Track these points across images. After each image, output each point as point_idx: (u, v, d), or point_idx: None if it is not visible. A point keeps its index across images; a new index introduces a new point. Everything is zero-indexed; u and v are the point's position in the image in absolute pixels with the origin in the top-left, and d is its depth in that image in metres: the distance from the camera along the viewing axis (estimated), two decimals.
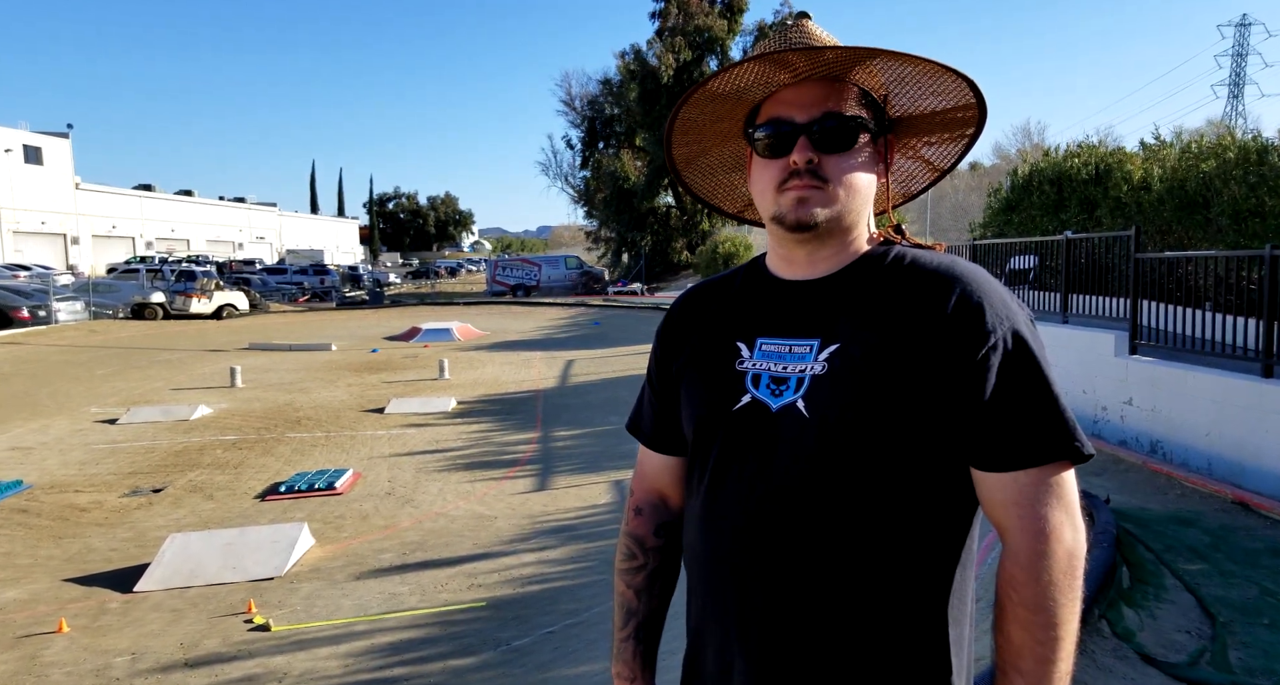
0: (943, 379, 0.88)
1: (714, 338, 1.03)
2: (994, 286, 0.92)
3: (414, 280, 47.47)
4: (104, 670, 3.70)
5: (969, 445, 0.90)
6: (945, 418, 0.89)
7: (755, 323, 1.01)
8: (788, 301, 0.99)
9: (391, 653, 3.80)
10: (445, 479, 6.84)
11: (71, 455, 7.83)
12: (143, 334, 19.93)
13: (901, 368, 0.89)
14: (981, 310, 0.89)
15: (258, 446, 8.05)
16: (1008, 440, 0.88)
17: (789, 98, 0.96)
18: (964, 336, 0.88)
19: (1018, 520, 0.88)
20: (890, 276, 0.96)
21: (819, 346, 0.94)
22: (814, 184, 0.94)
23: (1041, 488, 0.88)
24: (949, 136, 1.05)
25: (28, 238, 37.21)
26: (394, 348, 16.60)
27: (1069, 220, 10.59)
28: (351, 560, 5.01)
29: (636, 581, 1.14)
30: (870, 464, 0.89)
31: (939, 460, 0.91)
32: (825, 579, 0.90)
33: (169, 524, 5.72)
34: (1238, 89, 48.94)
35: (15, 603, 4.49)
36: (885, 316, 0.92)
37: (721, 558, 0.96)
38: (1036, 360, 0.89)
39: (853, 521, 0.89)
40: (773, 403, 0.94)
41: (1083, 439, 0.89)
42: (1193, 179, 8.41)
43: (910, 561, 0.90)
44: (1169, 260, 6.63)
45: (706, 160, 1.13)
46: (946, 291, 0.91)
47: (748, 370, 0.97)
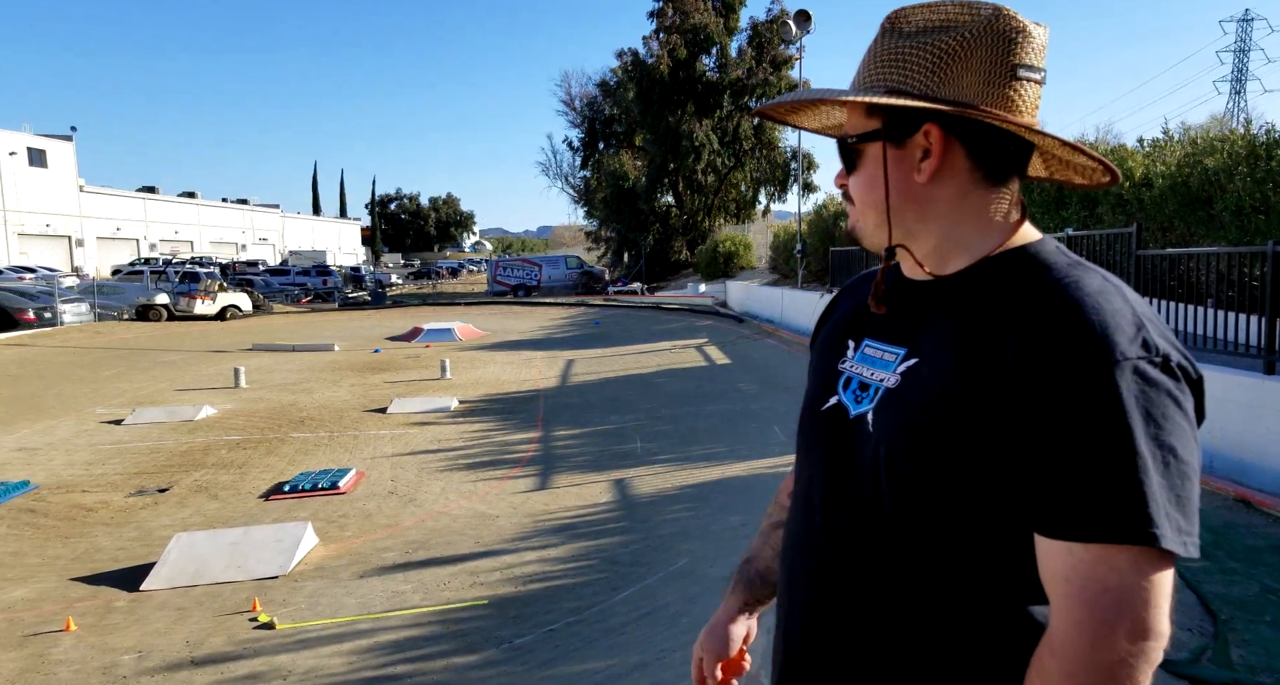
0: (1004, 418, 0.77)
1: (839, 329, 1.02)
2: (1105, 318, 0.76)
3: (416, 281, 47.55)
4: (111, 668, 3.72)
5: (1026, 500, 0.77)
6: (1003, 463, 0.77)
7: (869, 321, 0.97)
8: (897, 302, 0.95)
9: (394, 650, 3.82)
10: (447, 478, 6.86)
11: (78, 456, 7.86)
12: (147, 335, 19.98)
13: (961, 398, 0.79)
14: (1067, 343, 0.75)
15: (262, 446, 8.08)
16: (1057, 502, 0.74)
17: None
18: (1038, 373, 0.75)
19: (1064, 599, 0.74)
20: (993, 288, 0.84)
21: (902, 357, 0.89)
22: (850, 206, 0.95)
23: (1100, 569, 0.72)
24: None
25: (33, 240, 37.33)
26: (396, 348, 16.63)
27: (1070, 217, 10.58)
28: (355, 559, 5.03)
29: (764, 526, 1.20)
30: (914, 498, 0.81)
31: (999, 511, 0.79)
32: (855, 601, 0.88)
33: (174, 523, 5.75)
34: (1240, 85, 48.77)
35: (23, 601, 4.52)
36: (965, 336, 0.83)
37: (788, 547, 1.00)
38: (1123, 415, 0.72)
39: (895, 558, 0.84)
40: (852, 409, 0.92)
41: (1162, 523, 0.71)
42: (1196, 175, 8.39)
43: (949, 610, 0.82)
44: (1171, 257, 6.62)
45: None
46: (1040, 314, 0.78)
47: (844, 371, 0.96)
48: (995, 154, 0.87)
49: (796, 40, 19.30)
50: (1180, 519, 0.72)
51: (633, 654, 3.67)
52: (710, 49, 34.53)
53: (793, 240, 20.48)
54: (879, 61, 0.89)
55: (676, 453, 7.36)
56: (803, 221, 20.25)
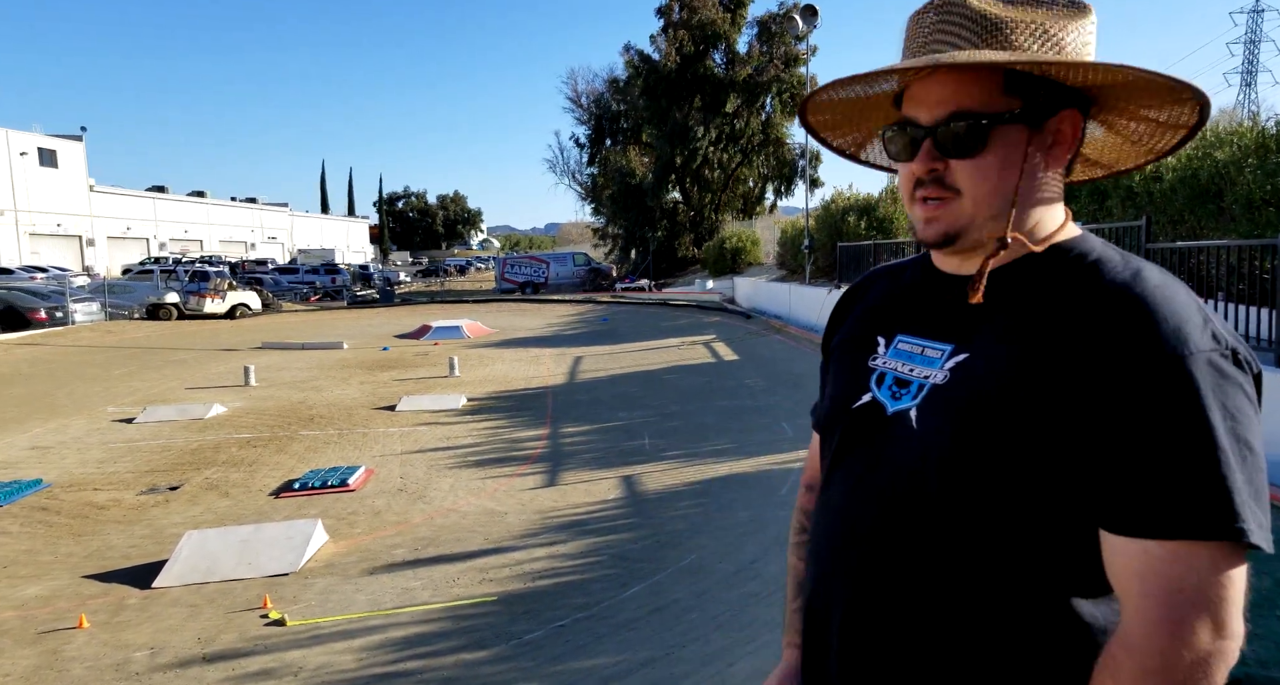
0: (1071, 413, 0.74)
1: (862, 326, 0.98)
2: (1174, 309, 0.74)
3: (424, 278, 47.68)
4: (124, 665, 3.76)
5: (1096, 498, 0.75)
6: (1067, 460, 0.75)
7: (901, 317, 0.93)
8: (934, 296, 0.91)
9: (404, 646, 3.84)
10: (456, 475, 6.88)
11: (90, 454, 7.93)
12: (158, 334, 20.11)
13: (1023, 393, 0.76)
14: (1141, 340, 0.73)
15: (272, 444, 8.13)
16: (1144, 502, 0.71)
17: (918, 94, 0.84)
18: (1109, 365, 0.73)
19: (1139, 599, 0.72)
20: (1050, 281, 0.82)
21: (949, 353, 0.85)
22: (940, 195, 0.83)
23: (1179, 567, 0.70)
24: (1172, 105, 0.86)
25: (44, 240, 37.60)
26: (405, 346, 16.68)
27: (1079, 211, 10.49)
28: (365, 556, 5.06)
29: (805, 554, 1.10)
30: (973, 496, 0.78)
31: (1057, 508, 0.77)
32: (903, 600, 0.82)
33: (186, 521, 5.80)
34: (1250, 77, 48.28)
35: (37, 599, 4.56)
36: (1026, 330, 0.79)
37: (820, 554, 0.94)
38: (1202, 408, 0.71)
39: (941, 556, 0.80)
40: (890, 405, 0.87)
41: (1248, 518, 0.70)
42: (1206, 168, 8.32)
43: (996, 604, 0.79)
44: (1181, 250, 6.58)
45: (847, 125, 1.01)
46: (1106, 306, 0.76)
47: (876, 367, 0.92)
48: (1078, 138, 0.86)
49: (804, 36, 19.24)
50: (1260, 513, 0.71)
51: (642, 650, 3.68)
52: (718, 45, 34.43)
53: (800, 236, 20.42)
54: (1019, 31, 0.80)
55: (685, 449, 7.36)
56: (810, 217, 20.19)
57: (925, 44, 0.84)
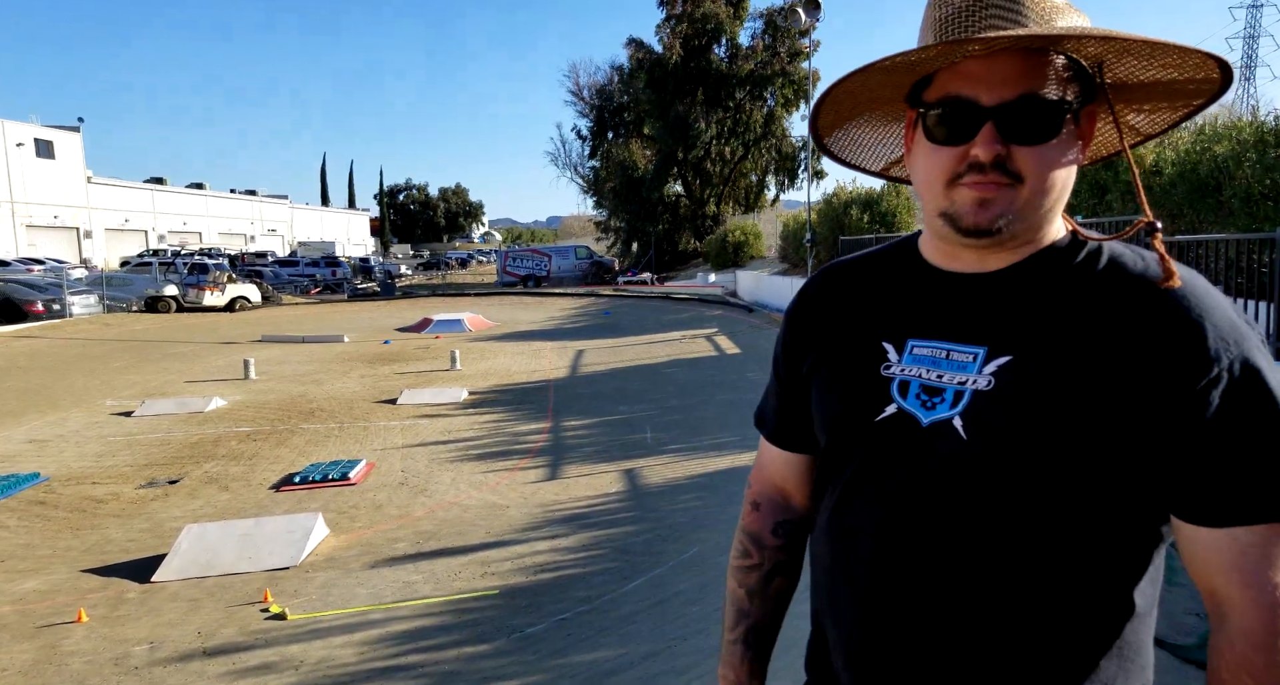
0: (1146, 412, 0.74)
1: (855, 333, 0.90)
2: (1218, 300, 0.77)
3: (425, 271, 47.61)
4: (123, 659, 3.75)
5: (1175, 492, 0.75)
6: (1143, 458, 0.75)
7: (906, 320, 0.87)
8: (947, 297, 0.86)
9: (406, 640, 3.83)
10: (458, 469, 6.87)
11: (88, 447, 7.91)
12: (156, 327, 20.08)
13: (1093, 394, 0.75)
14: (1202, 330, 0.74)
15: (272, 438, 8.11)
16: (1228, 489, 0.73)
17: (976, 71, 0.77)
18: (1179, 362, 0.73)
19: (1241, 589, 0.73)
20: (1082, 278, 0.81)
21: (985, 356, 0.80)
22: (1001, 181, 0.78)
23: (1269, 549, 0.73)
24: (1168, 105, 0.87)
25: (41, 232, 37.50)
26: (406, 339, 16.66)
27: (1079, 206, 10.48)
28: (366, 550, 5.05)
29: (750, 581, 1.04)
30: (1042, 504, 0.76)
31: (1125, 506, 0.77)
32: (969, 628, 0.78)
33: (185, 515, 5.78)
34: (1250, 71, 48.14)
35: (35, 593, 4.55)
36: (1073, 328, 0.78)
37: (849, 580, 0.86)
38: (1272, 394, 0.74)
39: (1011, 566, 0.78)
40: (923, 416, 0.82)
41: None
42: (1205, 162, 8.29)
43: (1075, 622, 0.79)
44: (1180, 244, 6.56)
45: (855, 127, 0.97)
46: (1158, 304, 0.76)
47: (894, 376, 0.85)
48: None
49: (808, 30, 19.14)
50: None
51: (644, 643, 3.67)
52: (720, 38, 34.31)
53: (802, 229, 20.39)
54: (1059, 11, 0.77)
55: (686, 442, 7.35)
56: (813, 210, 20.15)
57: (976, 20, 0.77)
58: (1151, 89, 0.85)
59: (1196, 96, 0.85)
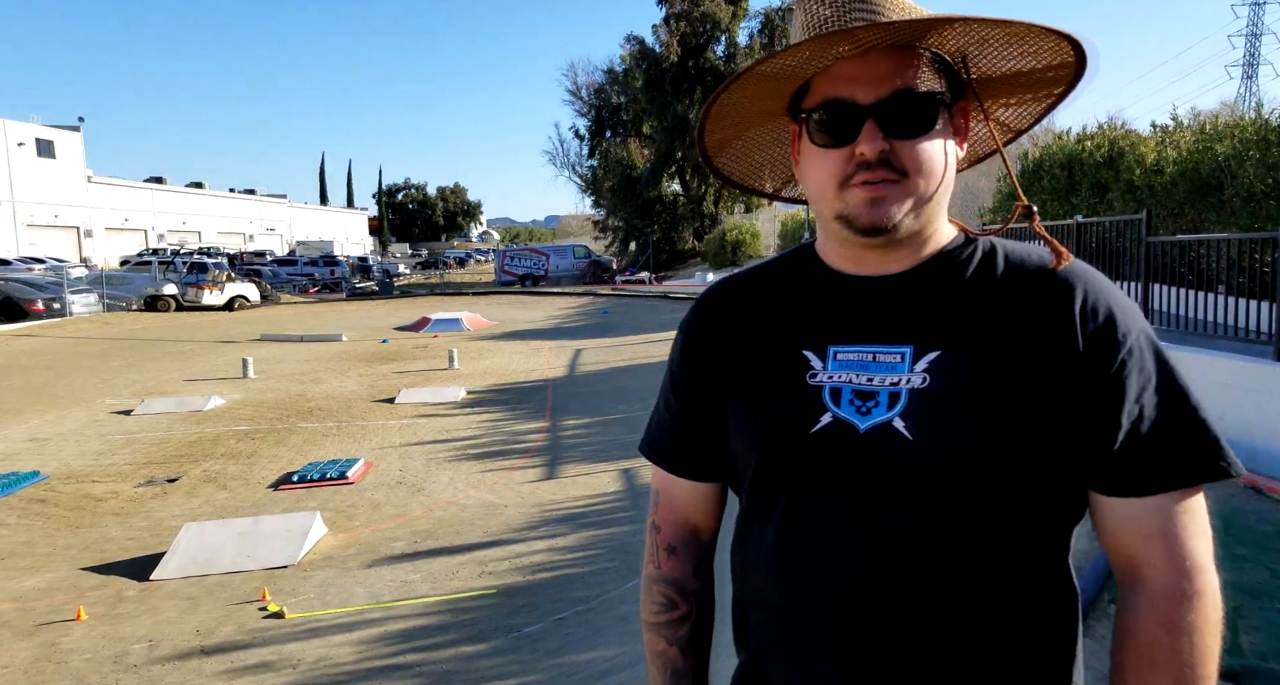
0: (1073, 394, 0.77)
1: (770, 346, 0.87)
2: (1113, 286, 0.82)
3: (423, 271, 47.59)
4: (122, 657, 3.76)
5: (1098, 468, 0.78)
6: (1072, 437, 0.78)
7: (823, 327, 0.86)
8: (862, 301, 0.85)
9: (403, 639, 3.85)
10: (456, 468, 6.88)
11: (87, 446, 7.92)
12: (156, 326, 20.08)
13: (1023, 383, 0.77)
14: (1112, 315, 0.79)
15: (270, 436, 8.12)
16: (1150, 460, 0.76)
17: (850, 72, 0.79)
18: (1097, 347, 0.77)
19: (1164, 554, 0.76)
20: (986, 273, 0.83)
21: (913, 354, 0.81)
22: (889, 177, 0.79)
23: (1185, 513, 0.76)
24: (1032, 96, 0.89)
25: (41, 231, 37.46)
26: (404, 338, 16.66)
27: (1080, 204, 10.49)
28: (364, 548, 5.06)
29: (680, 636, 0.97)
30: (991, 495, 0.77)
31: (1059, 486, 0.80)
32: (950, 625, 0.78)
33: (184, 513, 5.79)
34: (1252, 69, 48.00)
35: (35, 591, 4.56)
36: (992, 321, 0.80)
37: (812, 609, 0.81)
38: (1172, 368, 0.79)
39: (985, 560, 0.77)
40: (860, 422, 0.80)
41: (1232, 456, 0.77)
42: (1207, 161, 8.30)
43: (1043, 605, 0.80)
44: (1181, 243, 6.56)
45: (742, 143, 0.96)
46: (1066, 293, 0.80)
47: (823, 384, 0.82)
48: None
49: None
50: (1226, 443, 0.78)
51: (641, 642, 3.68)
52: (719, 37, 34.28)
53: (800, 228, 20.41)
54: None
55: None
56: (810, 210, 20.13)
57: (841, 23, 0.78)
58: (1015, 81, 0.87)
59: (1056, 84, 0.86)
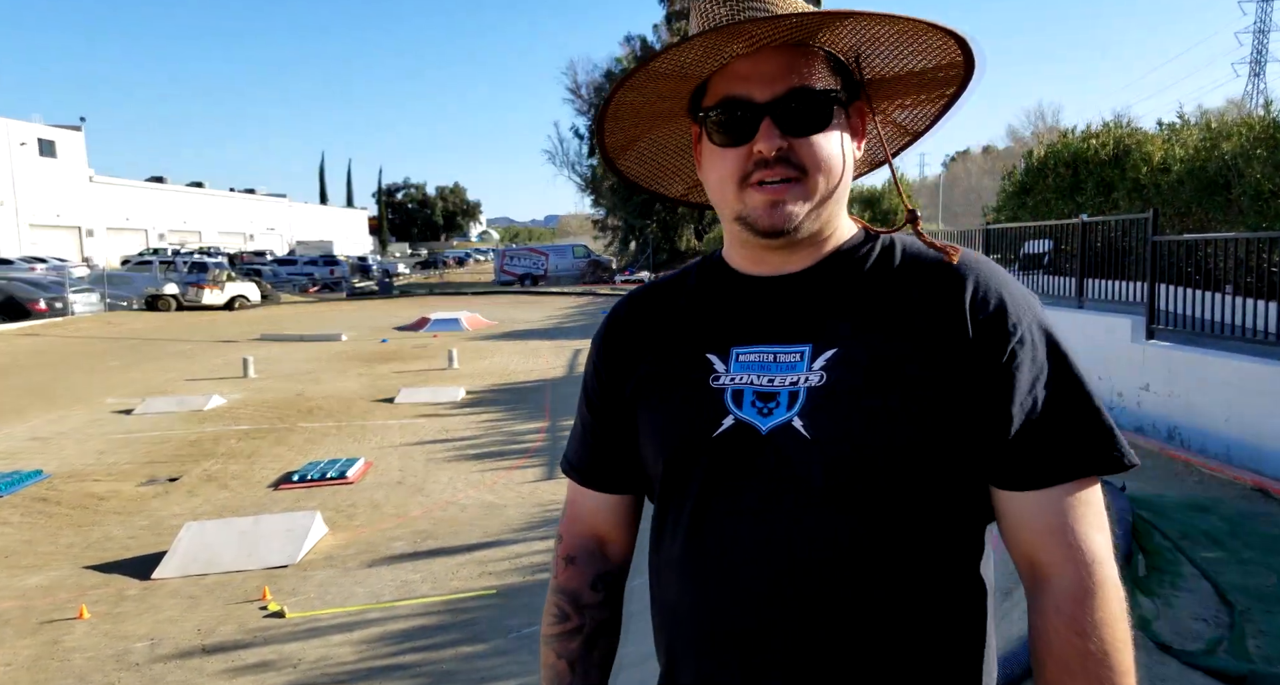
0: (966, 386, 0.76)
1: (676, 351, 0.87)
2: (1007, 276, 0.82)
3: (422, 270, 47.61)
4: (124, 655, 3.74)
5: (994, 461, 0.77)
6: (969, 430, 0.77)
7: (726, 329, 0.85)
8: (763, 301, 0.85)
9: (403, 639, 3.83)
10: (455, 468, 6.86)
11: (89, 445, 7.91)
12: (157, 325, 20.09)
13: (917, 376, 0.76)
14: (1003, 303, 0.78)
15: (271, 436, 8.11)
16: (1044, 452, 0.75)
17: (745, 71, 0.79)
18: (986, 336, 0.77)
19: (1064, 550, 0.75)
20: (883, 269, 0.83)
21: (811, 353, 0.80)
22: (788, 175, 0.79)
23: (1081, 507, 0.76)
24: (925, 97, 0.89)
25: (43, 230, 37.50)
26: (403, 338, 16.65)
27: (1085, 203, 10.45)
28: (364, 548, 5.04)
29: (571, 649, 0.95)
30: (893, 491, 0.76)
31: (960, 479, 0.79)
32: (859, 624, 0.77)
33: (185, 512, 5.78)
34: (1259, 67, 47.82)
35: (37, 589, 4.55)
36: (888, 315, 0.80)
37: (721, 611, 0.81)
38: (1068, 358, 0.78)
39: (886, 559, 0.77)
40: (761, 423, 0.79)
41: (1125, 445, 0.77)
42: (1214, 160, 8.26)
43: (952, 602, 0.79)
44: (1188, 243, 6.53)
45: (642, 145, 0.96)
46: (958, 284, 0.79)
47: (725, 387, 0.82)
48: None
49: None
50: (1121, 434, 0.78)
51: (642, 643, 3.64)
52: None
53: None
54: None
55: None
56: None
57: (736, 15, 0.78)
58: (908, 81, 0.87)
59: (947, 85, 0.86)
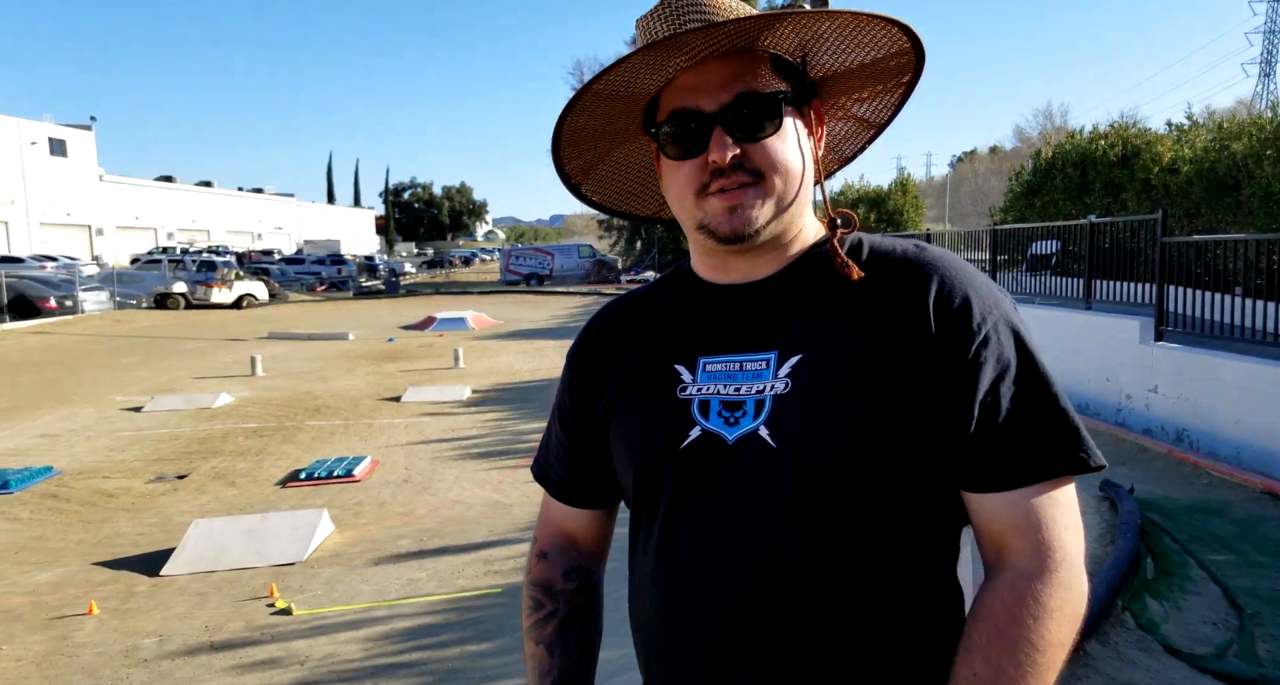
0: (930, 385, 0.74)
1: (645, 363, 0.86)
2: (974, 272, 0.80)
3: (429, 270, 47.74)
4: (133, 651, 3.77)
5: (961, 461, 0.75)
6: (936, 431, 0.75)
7: (693, 339, 0.84)
8: (729, 310, 0.84)
9: (409, 637, 3.84)
10: (461, 466, 6.88)
11: (99, 442, 7.96)
12: (165, 323, 20.19)
13: (883, 378, 0.75)
14: (968, 300, 0.76)
15: (278, 434, 8.14)
16: (1010, 452, 0.74)
17: (691, 82, 0.79)
18: (950, 333, 0.75)
19: (1031, 544, 0.73)
20: (838, 269, 0.82)
21: (777, 360, 0.79)
22: (744, 181, 0.78)
23: (1051, 506, 0.74)
24: (882, 88, 0.89)
25: (54, 229, 37.74)
26: (410, 337, 16.70)
27: (1093, 204, 10.42)
28: (370, 546, 5.06)
29: (546, 634, 0.96)
30: (861, 497, 0.75)
31: (931, 482, 0.77)
32: (828, 632, 0.75)
33: (193, 509, 5.81)
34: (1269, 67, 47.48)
35: (47, 585, 4.58)
36: (853, 317, 0.78)
37: (692, 625, 0.79)
38: (1034, 356, 0.76)
39: (852, 567, 0.75)
40: (728, 433, 0.78)
41: (1092, 446, 0.75)
42: (1224, 160, 8.22)
43: (925, 609, 0.78)
44: (1197, 244, 6.50)
45: (605, 167, 0.96)
46: (923, 282, 0.78)
47: (692, 397, 0.81)
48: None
49: None
50: (1088, 434, 0.76)
51: None
52: None
53: None
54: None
55: None
56: (818, 209, 20.09)
57: (675, 31, 0.77)
58: (861, 74, 0.87)
59: (902, 73, 0.86)
